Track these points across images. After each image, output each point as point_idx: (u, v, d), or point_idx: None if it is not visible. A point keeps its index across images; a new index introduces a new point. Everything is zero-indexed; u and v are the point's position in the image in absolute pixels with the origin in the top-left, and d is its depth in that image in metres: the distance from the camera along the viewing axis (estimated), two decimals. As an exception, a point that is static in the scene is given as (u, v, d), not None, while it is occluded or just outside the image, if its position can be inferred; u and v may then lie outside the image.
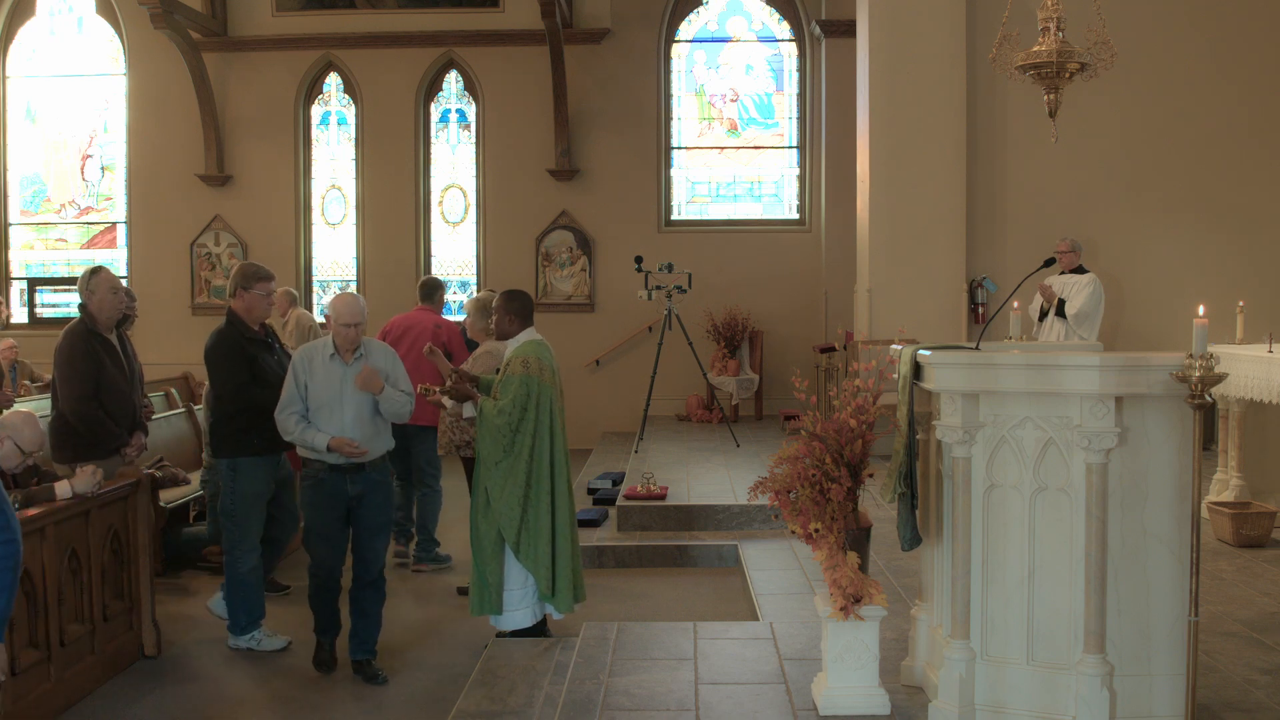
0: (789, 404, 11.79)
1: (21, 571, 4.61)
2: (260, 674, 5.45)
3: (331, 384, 5.27)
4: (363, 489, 5.33)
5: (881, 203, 10.07)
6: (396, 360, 5.47)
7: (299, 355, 5.35)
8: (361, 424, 5.28)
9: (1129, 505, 3.76)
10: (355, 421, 5.27)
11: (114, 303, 5.98)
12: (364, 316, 5.34)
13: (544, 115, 13.03)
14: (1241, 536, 6.61)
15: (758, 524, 7.57)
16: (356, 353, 5.32)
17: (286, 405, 5.27)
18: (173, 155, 13.38)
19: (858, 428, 4.09)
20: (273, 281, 5.99)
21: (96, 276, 5.95)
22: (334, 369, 5.29)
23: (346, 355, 5.30)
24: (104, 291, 5.91)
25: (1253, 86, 10.23)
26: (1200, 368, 3.46)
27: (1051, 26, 6.17)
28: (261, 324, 5.95)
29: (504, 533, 5.18)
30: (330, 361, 5.30)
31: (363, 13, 13.36)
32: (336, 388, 5.27)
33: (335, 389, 5.27)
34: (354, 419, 5.27)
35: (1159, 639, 3.77)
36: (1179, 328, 5.91)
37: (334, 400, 5.25)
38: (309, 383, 5.29)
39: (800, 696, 4.31)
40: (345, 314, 5.29)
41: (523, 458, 5.19)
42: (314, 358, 5.32)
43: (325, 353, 5.33)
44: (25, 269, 13.92)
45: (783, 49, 13.49)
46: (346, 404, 5.26)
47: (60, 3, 13.70)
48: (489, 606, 5.26)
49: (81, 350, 5.82)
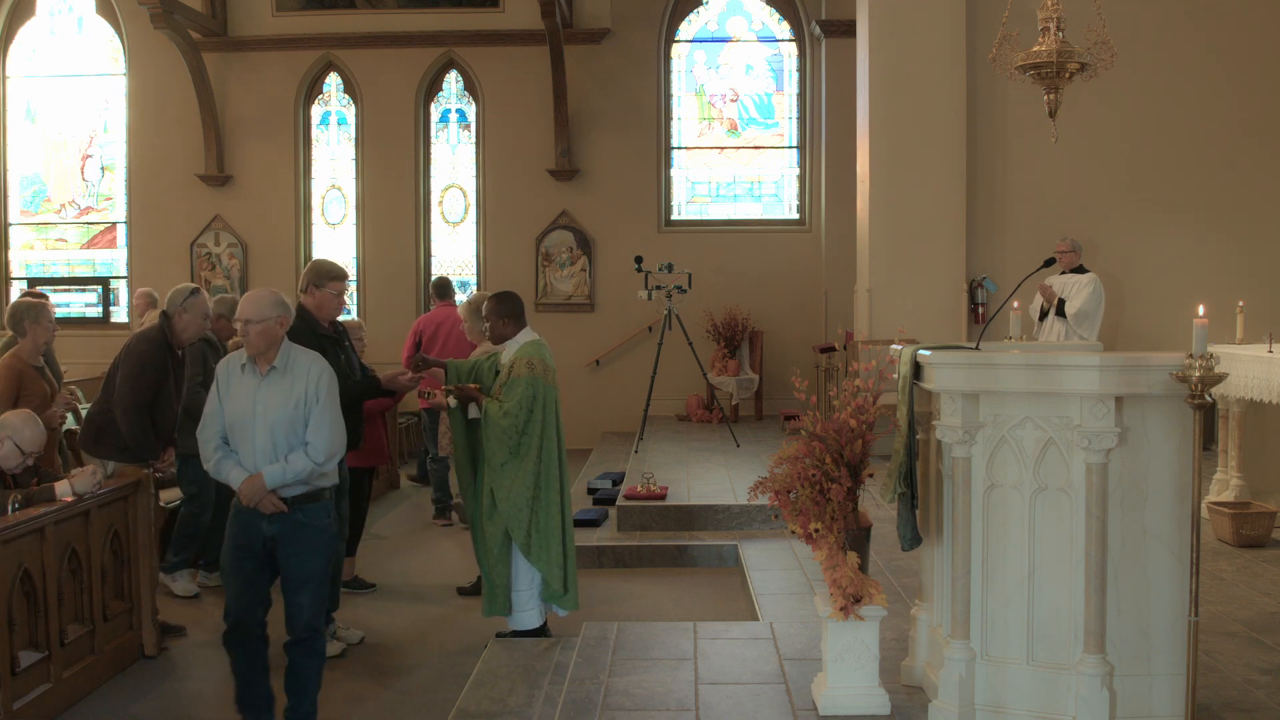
0: (789, 404, 11.79)
1: (22, 571, 4.65)
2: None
3: (243, 401, 4.40)
4: (280, 531, 4.39)
5: (881, 203, 10.07)
6: (326, 381, 4.44)
7: (221, 365, 4.55)
8: (275, 452, 4.35)
9: (1129, 505, 3.76)
10: (267, 449, 4.34)
11: (199, 328, 6.24)
12: (275, 312, 4.38)
13: (544, 115, 13.02)
14: (1241, 536, 6.60)
15: (758, 524, 7.57)
16: (276, 362, 4.41)
17: (206, 424, 4.46)
18: (173, 155, 13.38)
19: (858, 428, 4.09)
20: (345, 281, 5.78)
21: (195, 298, 6.14)
22: (247, 383, 4.42)
23: (260, 364, 4.42)
24: (196, 314, 6.12)
25: (1253, 86, 10.23)
26: (1200, 368, 3.46)
27: (1051, 26, 6.17)
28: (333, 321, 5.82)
29: (512, 534, 5.19)
30: (244, 374, 4.45)
31: (363, 13, 13.36)
32: (248, 405, 4.38)
33: (247, 407, 4.38)
34: (265, 446, 4.35)
35: (1159, 639, 3.77)
36: (1179, 328, 5.90)
37: (245, 420, 4.37)
38: (225, 399, 4.46)
39: (800, 696, 4.31)
40: (243, 308, 4.39)
41: (530, 458, 5.19)
42: (232, 368, 4.51)
43: (239, 362, 4.49)
44: (25, 269, 13.92)
45: (783, 49, 13.49)
46: (258, 425, 4.36)
47: (60, 3, 13.70)
48: (498, 608, 5.28)
49: (155, 363, 5.98)
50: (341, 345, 5.83)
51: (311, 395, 4.39)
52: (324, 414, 4.39)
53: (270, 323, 4.36)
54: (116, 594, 5.46)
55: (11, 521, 4.66)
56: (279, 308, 4.40)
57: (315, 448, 4.36)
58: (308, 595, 4.45)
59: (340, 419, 4.48)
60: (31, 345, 6.18)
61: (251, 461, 4.38)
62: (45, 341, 6.29)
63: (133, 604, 5.55)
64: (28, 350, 6.17)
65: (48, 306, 6.47)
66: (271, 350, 4.40)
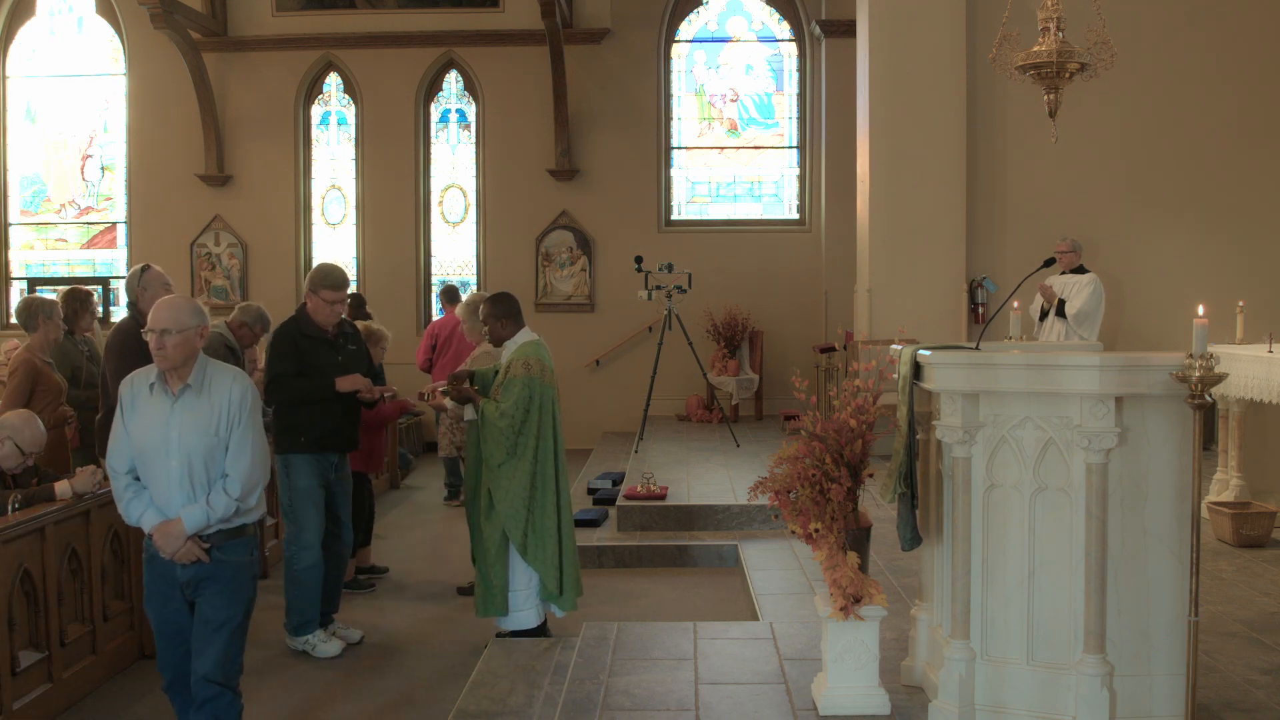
0: (789, 404, 11.79)
1: (22, 571, 4.65)
2: (260, 674, 5.44)
3: (153, 427, 3.78)
4: (196, 575, 3.82)
5: (881, 203, 10.07)
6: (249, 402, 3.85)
7: (124, 385, 3.93)
8: (194, 487, 3.78)
9: (1129, 505, 3.76)
10: (184, 484, 3.77)
11: None
12: (195, 322, 3.81)
13: (544, 115, 13.02)
14: (1241, 536, 6.60)
15: (758, 524, 7.57)
16: (191, 380, 3.80)
17: (111, 454, 3.86)
18: (173, 155, 13.38)
19: (858, 428, 4.09)
20: (341, 290, 5.72)
21: (148, 274, 5.95)
22: (157, 405, 3.79)
23: (171, 382, 3.80)
24: (156, 288, 5.87)
25: (1252, 87, 10.23)
26: (1200, 368, 3.46)
27: (1051, 26, 6.17)
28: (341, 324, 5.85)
29: (509, 534, 5.19)
30: (152, 394, 3.81)
31: (363, 13, 13.36)
32: (159, 432, 3.76)
33: (158, 434, 3.77)
34: (182, 480, 3.76)
35: (1159, 639, 3.77)
36: (1179, 328, 5.91)
37: (156, 450, 3.76)
38: (131, 424, 3.82)
39: (800, 696, 4.31)
40: (158, 316, 3.77)
41: (526, 459, 5.19)
42: (138, 388, 3.87)
43: (147, 381, 3.85)
44: (25, 269, 13.92)
45: (783, 49, 13.49)
46: (172, 455, 3.75)
47: (60, 3, 13.70)
48: (495, 608, 5.27)
49: (134, 348, 5.69)
50: (339, 348, 5.82)
51: (233, 417, 3.81)
52: (245, 440, 3.81)
53: (190, 333, 3.78)
54: (116, 594, 5.46)
55: (11, 521, 4.66)
56: (198, 317, 3.86)
57: (233, 480, 3.79)
58: (220, 643, 3.82)
59: (264, 446, 3.92)
60: (42, 340, 6.26)
61: (165, 498, 3.78)
62: (55, 339, 6.33)
63: (133, 604, 5.54)
64: (39, 345, 6.24)
65: (57, 306, 6.54)
66: (187, 365, 3.80)
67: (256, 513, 3.95)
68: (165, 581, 3.85)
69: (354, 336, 6.03)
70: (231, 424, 3.81)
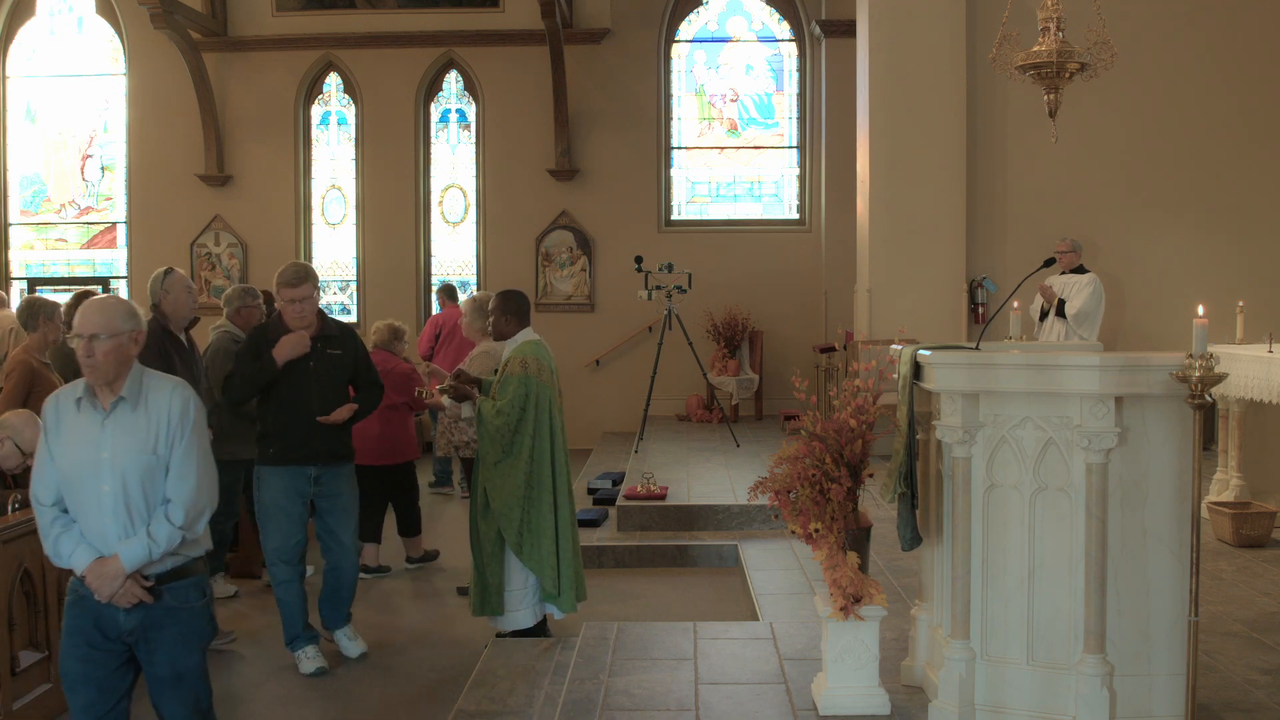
0: (789, 404, 11.79)
1: (22, 571, 4.65)
2: (260, 675, 5.45)
3: (82, 447, 3.27)
4: (142, 623, 3.30)
5: (881, 203, 10.07)
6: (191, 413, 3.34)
7: (48, 402, 3.40)
8: (131, 517, 3.26)
9: (1129, 505, 3.76)
10: (120, 513, 3.25)
11: (188, 302, 6.02)
12: (128, 326, 3.30)
13: (544, 115, 13.02)
14: (1241, 536, 6.60)
15: (758, 524, 7.57)
16: (125, 391, 3.29)
17: (35, 483, 3.33)
18: (173, 155, 13.38)
19: (858, 428, 4.09)
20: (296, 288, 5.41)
21: (171, 277, 5.97)
22: (85, 423, 3.29)
23: (102, 395, 3.29)
24: (179, 291, 5.92)
25: (1252, 87, 10.22)
26: (1200, 368, 3.46)
27: (1051, 26, 6.17)
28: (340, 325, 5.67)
29: (504, 533, 5.18)
30: (79, 410, 3.31)
31: (363, 13, 13.36)
32: (89, 453, 3.25)
33: (88, 455, 3.25)
34: (117, 509, 3.25)
35: (1159, 639, 3.77)
36: (1179, 328, 5.90)
37: (86, 474, 3.24)
38: (56, 446, 3.31)
39: (800, 696, 4.31)
40: (85, 320, 3.27)
41: (522, 458, 5.19)
42: (63, 405, 3.34)
43: (73, 396, 3.33)
44: (25, 269, 13.92)
45: (783, 49, 13.49)
46: (105, 479, 3.24)
47: (60, 3, 13.70)
48: (490, 607, 5.27)
49: (155, 350, 5.67)
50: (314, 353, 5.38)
51: (174, 433, 3.30)
52: (189, 458, 3.31)
53: (123, 339, 3.28)
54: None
55: (11, 521, 4.66)
56: (132, 320, 3.34)
57: (176, 506, 3.28)
58: (186, 694, 3.38)
59: (211, 465, 3.42)
60: (40, 340, 6.26)
61: (99, 530, 3.26)
62: (54, 340, 6.34)
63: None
64: (37, 345, 6.25)
65: (59, 308, 6.56)
66: (120, 376, 3.30)
67: (203, 545, 3.44)
68: (103, 628, 3.29)
69: (338, 339, 5.52)
70: (172, 441, 3.30)
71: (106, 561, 3.23)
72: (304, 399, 5.36)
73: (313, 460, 5.39)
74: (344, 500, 5.54)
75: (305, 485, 5.42)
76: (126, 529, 3.26)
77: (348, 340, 5.61)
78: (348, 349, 5.56)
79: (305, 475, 5.40)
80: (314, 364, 5.40)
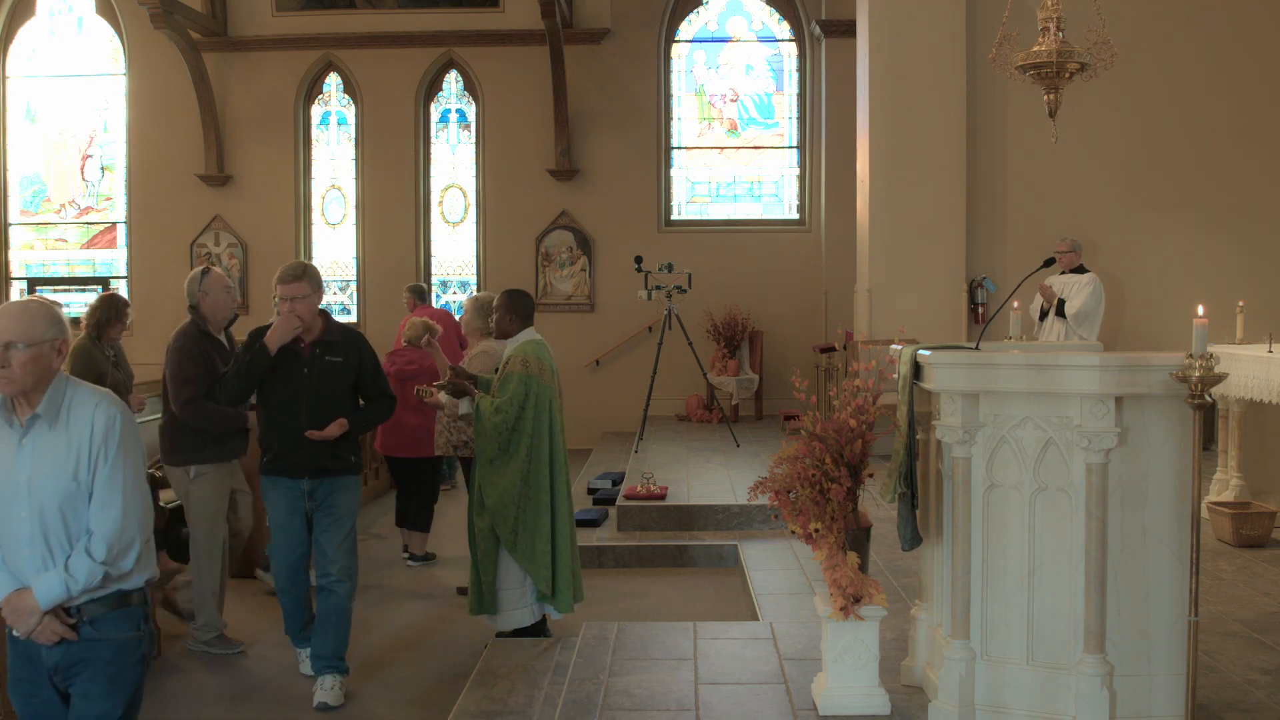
0: (789, 404, 11.79)
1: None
2: (260, 675, 5.45)
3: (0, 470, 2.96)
4: (65, 659, 3.00)
5: (881, 203, 10.07)
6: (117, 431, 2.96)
7: None
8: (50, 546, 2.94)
9: (1129, 505, 3.76)
10: (37, 543, 2.94)
11: (227, 303, 5.86)
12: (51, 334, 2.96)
13: (544, 115, 13.03)
14: (1241, 536, 6.60)
15: (758, 524, 7.57)
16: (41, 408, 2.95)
17: None
18: (173, 155, 13.39)
19: (858, 428, 4.09)
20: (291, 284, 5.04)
21: (208, 277, 5.82)
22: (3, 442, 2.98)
23: (19, 410, 2.98)
24: (218, 291, 5.79)
25: (1252, 87, 10.23)
26: (1200, 368, 3.46)
27: (1051, 26, 6.17)
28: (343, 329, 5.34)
29: (498, 531, 5.17)
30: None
31: (363, 13, 13.36)
32: (6, 476, 2.96)
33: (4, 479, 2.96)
34: (33, 538, 2.94)
35: (1159, 639, 3.77)
36: (1179, 328, 5.90)
37: (4, 499, 2.95)
38: None
39: (800, 696, 4.31)
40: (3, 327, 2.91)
41: (519, 456, 5.18)
42: None
43: None
44: (25, 269, 13.93)
45: (783, 49, 13.50)
46: (21, 505, 2.93)
47: (60, 3, 13.71)
48: (485, 606, 5.26)
49: (194, 353, 5.64)
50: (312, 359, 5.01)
51: (96, 455, 2.95)
52: (113, 484, 2.95)
53: (44, 348, 2.93)
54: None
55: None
56: (55, 327, 2.98)
57: (98, 540, 2.93)
58: None
59: (142, 491, 3.05)
60: None
61: (16, 561, 2.96)
62: None
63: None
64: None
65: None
66: (39, 389, 2.96)
67: (138, 576, 3.04)
68: (30, 665, 3.01)
69: (340, 346, 5.08)
70: (95, 463, 2.95)
71: (23, 595, 2.93)
72: (293, 409, 4.97)
73: (300, 474, 5.02)
74: (336, 514, 5.08)
75: (298, 499, 5.06)
76: (45, 561, 2.94)
77: (351, 347, 5.11)
78: (350, 356, 5.08)
79: (298, 489, 5.05)
80: (308, 371, 4.99)
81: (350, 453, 5.18)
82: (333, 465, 5.07)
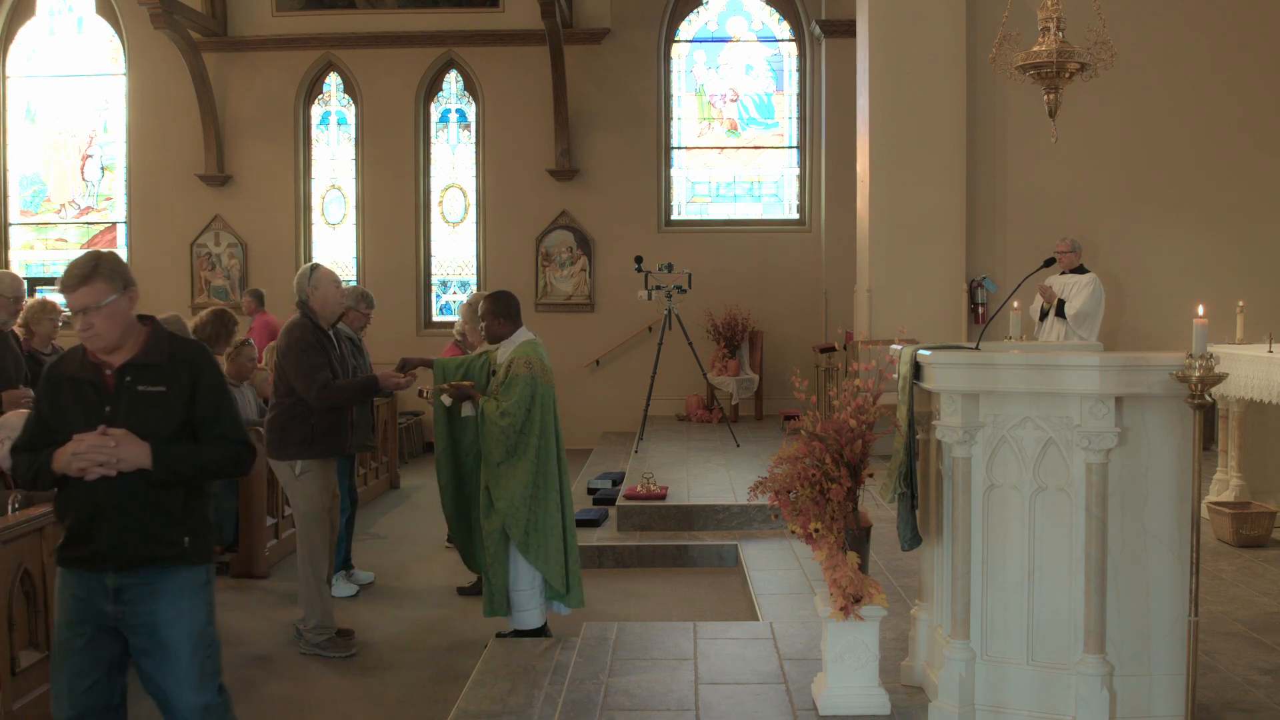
0: (789, 404, 11.79)
1: (22, 571, 4.65)
2: (259, 674, 5.45)
3: None
4: None
5: (881, 203, 10.07)
6: None
7: None
8: None
9: (1129, 505, 3.76)
10: None
11: (337, 298, 5.85)
12: None
13: (544, 115, 13.03)
14: (1241, 536, 6.61)
15: (758, 524, 7.57)
16: None
17: None
18: (173, 155, 13.39)
19: (858, 428, 4.09)
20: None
21: (317, 273, 5.79)
22: None
23: None
24: (327, 286, 5.76)
25: (1253, 87, 10.23)
26: (1200, 368, 3.46)
27: (1051, 26, 6.18)
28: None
29: (509, 532, 5.17)
30: None
31: (363, 13, 13.36)
32: None
33: None
34: None
35: (1159, 639, 3.77)
36: (1179, 328, 5.91)
37: None
38: None
39: (800, 696, 4.31)
40: None
41: (528, 457, 5.18)
42: None
43: None
44: (25, 269, 13.91)
45: (783, 49, 13.49)
46: None
47: (60, 3, 13.70)
48: (499, 608, 5.26)
49: (313, 341, 5.62)
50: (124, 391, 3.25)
51: None
52: None
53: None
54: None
55: (11, 521, 4.66)
56: None
57: None
58: None
59: None
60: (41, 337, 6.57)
61: None
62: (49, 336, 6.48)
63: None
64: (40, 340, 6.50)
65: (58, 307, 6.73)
66: None
67: None
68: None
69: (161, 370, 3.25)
70: None
71: None
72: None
73: (101, 566, 3.19)
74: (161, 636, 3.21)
75: (98, 603, 3.20)
76: None
77: (180, 369, 3.28)
78: (177, 384, 3.26)
79: (99, 587, 3.20)
80: (110, 410, 3.19)
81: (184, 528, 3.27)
82: (149, 550, 3.20)
